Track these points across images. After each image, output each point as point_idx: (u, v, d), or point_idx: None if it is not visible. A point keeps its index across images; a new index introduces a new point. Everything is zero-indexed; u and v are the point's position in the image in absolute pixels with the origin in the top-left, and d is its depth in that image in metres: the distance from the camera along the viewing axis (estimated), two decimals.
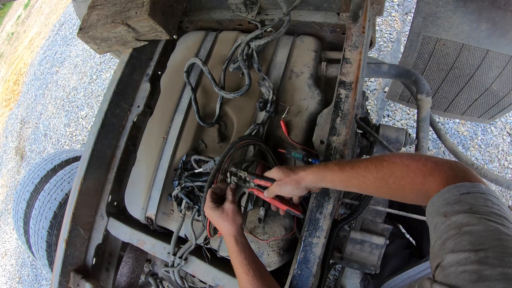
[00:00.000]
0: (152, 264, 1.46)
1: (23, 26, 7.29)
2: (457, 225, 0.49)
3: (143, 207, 1.19)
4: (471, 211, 0.49)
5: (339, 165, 0.74)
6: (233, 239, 0.82)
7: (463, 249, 0.45)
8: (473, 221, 0.48)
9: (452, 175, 0.59)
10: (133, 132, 1.38)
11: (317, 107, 1.11)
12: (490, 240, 0.44)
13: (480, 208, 0.50)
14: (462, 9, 1.23)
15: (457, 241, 0.47)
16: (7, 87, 6.04)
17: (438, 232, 0.51)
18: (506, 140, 2.48)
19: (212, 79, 1.16)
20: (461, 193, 0.53)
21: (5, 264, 3.89)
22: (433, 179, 0.60)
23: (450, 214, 0.51)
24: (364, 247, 1.06)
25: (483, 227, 0.46)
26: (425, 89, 1.29)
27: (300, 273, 0.86)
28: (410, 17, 2.80)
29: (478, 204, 0.50)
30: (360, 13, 1.07)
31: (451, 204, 0.52)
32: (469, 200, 0.52)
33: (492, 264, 0.41)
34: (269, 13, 1.28)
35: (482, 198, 0.52)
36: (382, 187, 0.68)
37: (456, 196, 0.53)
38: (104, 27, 1.22)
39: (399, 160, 0.66)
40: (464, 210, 0.50)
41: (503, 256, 0.42)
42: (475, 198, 0.52)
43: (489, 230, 0.46)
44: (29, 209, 2.07)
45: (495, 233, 0.45)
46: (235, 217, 0.84)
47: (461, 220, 0.49)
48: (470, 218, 0.48)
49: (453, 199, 0.53)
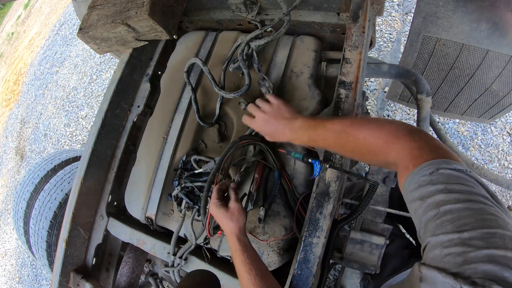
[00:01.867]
0: (152, 264, 1.46)
1: (23, 26, 7.29)
2: (434, 206, 0.48)
3: (143, 207, 1.19)
4: (446, 190, 0.48)
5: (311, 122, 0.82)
6: (235, 238, 0.83)
7: (446, 231, 0.44)
8: (451, 200, 0.47)
9: (417, 148, 0.58)
10: (133, 132, 1.38)
11: (317, 107, 1.11)
12: (473, 220, 0.43)
13: (454, 187, 0.48)
14: (462, 9, 1.23)
15: (437, 222, 0.46)
16: (7, 87, 6.03)
17: (418, 217, 0.50)
18: (506, 140, 2.48)
19: (212, 79, 1.16)
20: (431, 171, 0.52)
21: (5, 264, 3.89)
22: (396, 153, 0.60)
23: (426, 196, 0.50)
24: (364, 247, 1.06)
25: (462, 206, 0.45)
26: (425, 89, 1.29)
27: (300, 273, 0.86)
28: (410, 17, 2.80)
29: (451, 182, 0.49)
30: (360, 13, 1.07)
31: (424, 186, 0.51)
32: (441, 179, 0.50)
33: (477, 246, 0.40)
34: (269, 13, 1.28)
35: (453, 176, 0.50)
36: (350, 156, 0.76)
37: (427, 176, 0.52)
38: (104, 27, 1.22)
39: (362, 136, 0.68)
40: (438, 190, 0.49)
41: (488, 237, 0.41)
42: (446, 176, 0.50)
43: (470, 209, 0.45)
44: (29, 209, 2.07)
45: (478, 212, 0.44)
46: (240, 216, 0.85)
47: (438, 200, 0.48)
48: (446, 197, 0.47)
49: (424, 180, 0.52)
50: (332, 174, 0.89)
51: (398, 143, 0.61)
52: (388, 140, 0.63)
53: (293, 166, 1.06)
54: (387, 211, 1.07)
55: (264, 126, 0.92)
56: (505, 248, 0.39)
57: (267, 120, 0.91)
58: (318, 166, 1.04)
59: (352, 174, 0.90)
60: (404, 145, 0.60)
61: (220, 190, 0.90)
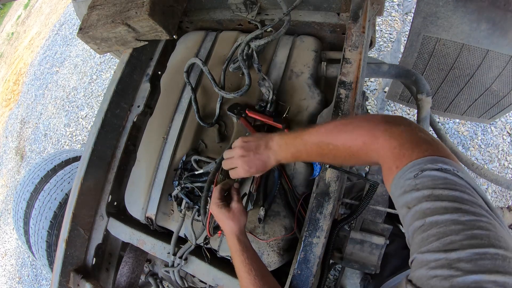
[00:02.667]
0: (152, 264, 1.46)
1: (23, 26, 7.29)
2: (420, 215, 0.44)
3: (143, 207, 1.19)
4: (433, 197, 0.44)
5: (290, 136, 0.77)
6: (235, 238, 0.83)
7: (432, 249, 0.40)
8: (438, 209, 0.43)
9: (398, 147, 0.53)
10: (133, 132, 1.38)
11: (317, 107, 1.11)
12: (461, 237, 0.39)
13: (441, 192, 0.44)
14: (462, 9, 1.23)
15: (424, 236, 0.42)
16: (7, 87, 6.03)
17: (406, 225, 0.47)
18: (506, 140, 2.48)
19: (212, 79, 1.16)
20: (415, 173, 0.47)
21: (5, 264, 3.89)
22: (376, 153, 0.56)
23: (411, 204, 0.46)
24: (364, 247, 1.06)
25: (450, 217, 0.41)
26: (425, 89, 1.29)
27: (300, 273, 0.86)
28: (410, 17, 2.80)
29: (438, 187, 0.45)
30: (360, 13, 1.07)
31: (408, 192, 0.47)
32: (426, 183, 0.46)
33: (464, 270, 0.37)
34: (269, 13, 1.28)
35: (440, 178, 0.45)
36: (332, 163, 0.76)
37: (411, 180, 0.47)
38: (104, 27, 1.22)
39: (341, 142, 0.65)
40: (424, 196, 0.45)
41: (477, 259, 0.37)
42: (432, 179, 0.46)
43: (459, 222, 0.40)
44: (29, 209, 2.07)
45: (467, 226, 0.40)
46: (241, 217, 0.85)
47: (424, 208, 0.44)
48: (432, 205, 0.43)
49: (409, 185, 0.47)
50: (332, 174, 0.89)
51: (377, 142, 0.56)
52: (366, 140, 0.59)
53: (293, 166, 1.06)
54: (387, 211, 1.07)
55: (250, 167, 0.83)
56: (496, 272, 0.36)
57: (246, 160, 0.83)
58: (318, 166, 1.04)
59: (352, 174, 0.90)
60: (383, 144, 0.55)
61: (223, 190, 0.90)
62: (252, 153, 0.83)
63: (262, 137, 0.85)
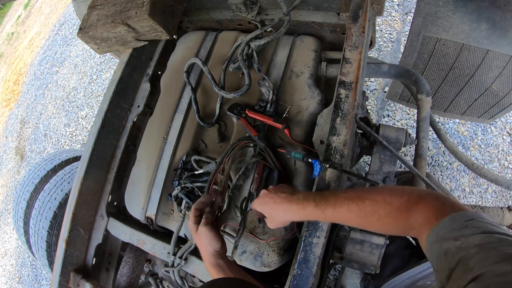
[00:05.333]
0: (152, 264, 1.46)
1: (23, 26, 7.29)
2: (475, 245, 0.46)
3: (143, 207, 1.19)
4: (485, 232, 0.47)
5: (320, 206, 0.72)
6: (207, 263, 0.82)
7: (498, 262, 0.41)
8: (493, 240, 0.45)
9: (440, 205, 0.58)
10: (133, 132, 1.38)
11: (317, 107, 1.11)
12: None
13: (493, 229, 0.48)
14: (462, 9, 1.23)
15: (482, 258, 0.43)
16: (7, 87, 6.04)
17: (450, 256, 0.48)
18: (506, 140, 2.48)
19: (212, 79, 1.16)
20: (466, 219, 0.51)
21: (5, 264, 3.89)
22: (419, 212, 0.59)
23: (462, 237, 0.48)
24: (364, 247, 1.06)
25: (507, 246, 0.44)
26: (425, 89, 1.29)
27: (300, 273, 0.86)
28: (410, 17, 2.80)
29: (487, 228, 0.48)
30: (360, 13, 1.07)
31: (459, 230, 0.50)
32: (475, 224, 0.49)
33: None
34: (269, 13, 1.28)
35: (487, 223, 0.50)
36: (365, 225, 0.69)
37: (461, 222, 0.51)
38: (104, 27, 1.22)
39: (381, 198, 0.65)
40: (476, 232, 0.48)
41: None
42: (481, 223, 0.50)
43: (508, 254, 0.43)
44: (29, 209, 2.07)
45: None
46: (211, 241, 0.82)
47: (479, 240, 0.46)
48: (488, 238, 0.46)
49: (459, 225, 0.51)
50: (332, 174, 0.89)
51: (422, 202, 0.60)
52: (410, 199, 0.61)
53: (293, 166, 1.06)
54: None
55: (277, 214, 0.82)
56: None
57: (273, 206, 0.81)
58: (318, 166, 1.04)
59: (352, 174, 0.90)
60: (427, 204, 0.59)
61: (196, 211, 0.86)
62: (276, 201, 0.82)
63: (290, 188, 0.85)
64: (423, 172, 1.20)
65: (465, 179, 2.41)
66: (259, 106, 1.11)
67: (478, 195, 2.36)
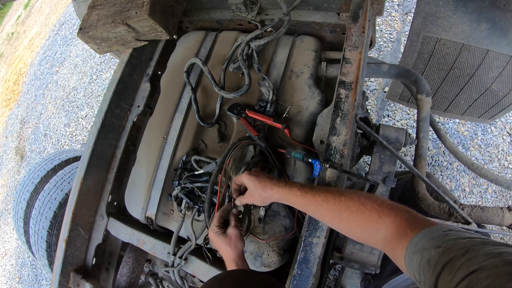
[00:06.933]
0: (152, 264, 1.46)
1: (23, 26, 7.29)
2: (460, 248, 0.46)
3: (143, 207, 1.19)
4: (467, 238, 0.48)
5: (302, 190, 0.79)
6: (234, 263, 0.84)
7: (487, 259, 0.42)
8: (477, 243, 0.46)
9: (412, 218, 0.61)
10: (133, 132, 1.38)
11: (317, 107, 1.11)
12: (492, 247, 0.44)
13: (474, 235, 0.49)
14: (462, 9, 1.23)
15: (470, 257, 0.44)
16: (7, 87, 6.03)
17: (434, 263, 0.48)
18: (506, 140, 2.47)
19: (212, 79, 1.16)
20: (444, 230, 0.53)
21: (5, 264, 3.89)
22: (391, 221, 0.62)
23: (445, 243, 0.49)
24: (364, 247, 1.06)
25: (492, 246, 0.45)
26: (425, 89, 1.29)
27: (300, 273, 0.86)
28: (410, 17, 2.80)
29: (467, 235, 0.50)
30: (360, 13, 1.07)
31: (439, 238, 0.51)
32: (455, 234, 0.51)
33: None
34: (269, 13, 1.28)
35: (466, 232, 0.52)
36: (335, 218, 0.73)
37: (440, 233, 0.53)
38: (104, 27, 1.22)
39: (356, 197, 0.70)
40: (458, 238, 0.49)
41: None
42: (460, 232, 0.52)
43: (495, 253, 0.44)
44: (29, 209, 2.07)
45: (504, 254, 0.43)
46: (237, 242, 0.87)
47: (463, 244, 0.47)
48: (472, 241, 0.47)
49: (438, 235, 0.52)
50: (332, 174, 0.89)
51: (394, 212, 0.63)
52: (383, 205, 0.66)
53: (293, 166, 1.06)
54: None
55: (250, 202, 0.91)
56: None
57: (251, 199, 0.89)
58: (318, 166, 1.04)
59: (352, 174, 0.90)
60: (399, 214, 0.63)
61: (221, 217, 0.91)
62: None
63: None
64: (423, 172, 1.20)
65: (465, 179, 2.41)
66: (259, 106, 1.11)
67: (478, 195, 2.36)
